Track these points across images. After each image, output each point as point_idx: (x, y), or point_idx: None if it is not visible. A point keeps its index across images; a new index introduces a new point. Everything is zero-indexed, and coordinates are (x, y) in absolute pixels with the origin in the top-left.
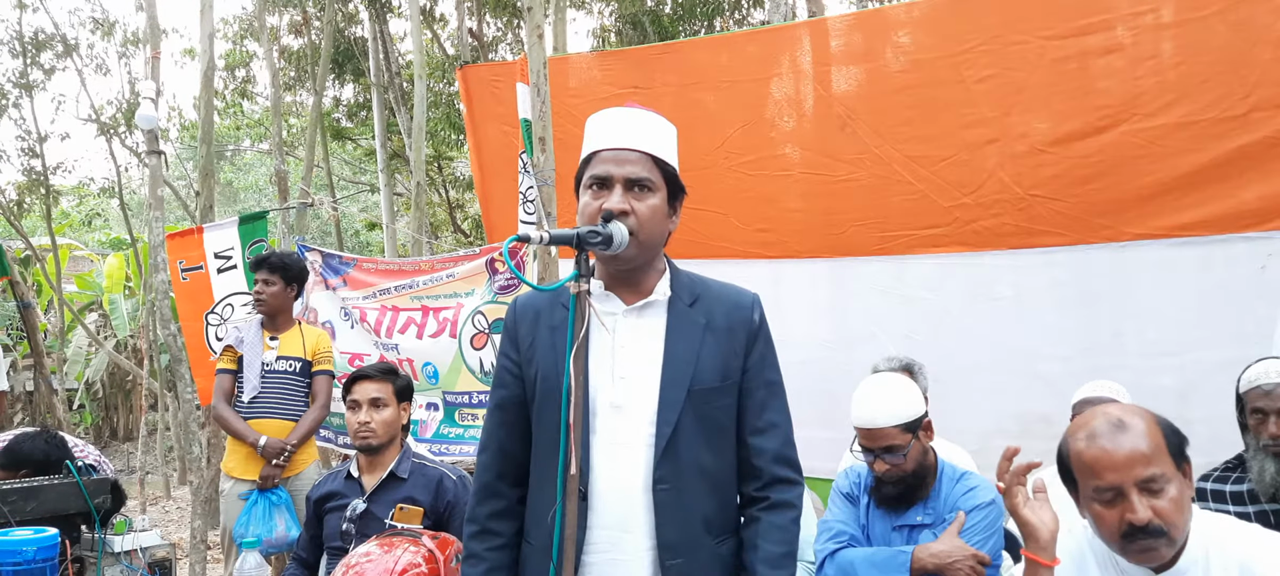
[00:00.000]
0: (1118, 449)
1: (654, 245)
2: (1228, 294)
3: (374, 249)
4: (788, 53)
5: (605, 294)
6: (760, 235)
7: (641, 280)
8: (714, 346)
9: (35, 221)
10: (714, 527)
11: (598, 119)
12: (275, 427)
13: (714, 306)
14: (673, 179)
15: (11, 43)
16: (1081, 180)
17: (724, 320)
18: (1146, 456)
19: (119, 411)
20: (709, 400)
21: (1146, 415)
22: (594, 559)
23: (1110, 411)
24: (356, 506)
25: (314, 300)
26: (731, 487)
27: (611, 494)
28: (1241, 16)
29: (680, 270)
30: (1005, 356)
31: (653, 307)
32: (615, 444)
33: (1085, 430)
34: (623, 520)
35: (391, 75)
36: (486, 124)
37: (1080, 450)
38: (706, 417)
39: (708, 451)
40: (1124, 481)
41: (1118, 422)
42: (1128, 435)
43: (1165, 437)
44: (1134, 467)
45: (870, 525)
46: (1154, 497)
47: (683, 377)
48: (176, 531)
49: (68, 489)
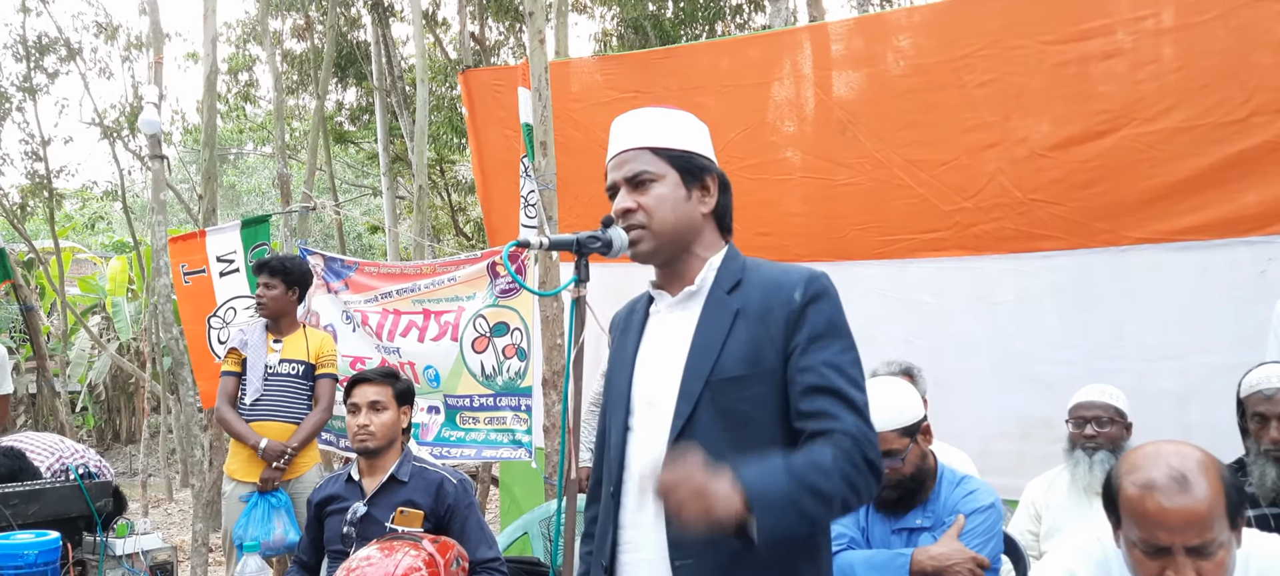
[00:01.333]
0: (1176, 509)
1: (677, 231)
2: (1228, 298)
3: (376, 252)
4: (789, 57)
5: (657, 289)
6: (761, 238)
7: (683, 270)
8: (745, 333)
9: (38, 225)
10: None
11: (611, 128)
12: (278, 430)
13: (753, 291)
14: (682, 161)
15: (15, 46)
16: (1082, 184)
17: (759, 305)
18: (1205, 522)
19: (121, 414)
20: (733, 391)
21: (1212, 471)
22: (627, 558)
23: (1174, 462)
24: (357, 509)
25: (316, 303)
26: None
27: (635, 492)
28: (1242, 21)
29: (737, 257)
30: (1005, 360)
31: (694, 298)
32: (645, 441)
33: (1143, 476)
34: (644, 519)
35: (394, 79)
36: (488, 128)
37: (1134, 498)
38: (729, 410)
39: (728, 445)
40: (1175, 542)
41: (1180, 479)
42: (1189, 496)
43: (1226, 499)
44: (1187, 532)
45: (869, 527)
46: (1202, 560)
47: (702, 368)
48: (178, 534)
49: (69, 492)
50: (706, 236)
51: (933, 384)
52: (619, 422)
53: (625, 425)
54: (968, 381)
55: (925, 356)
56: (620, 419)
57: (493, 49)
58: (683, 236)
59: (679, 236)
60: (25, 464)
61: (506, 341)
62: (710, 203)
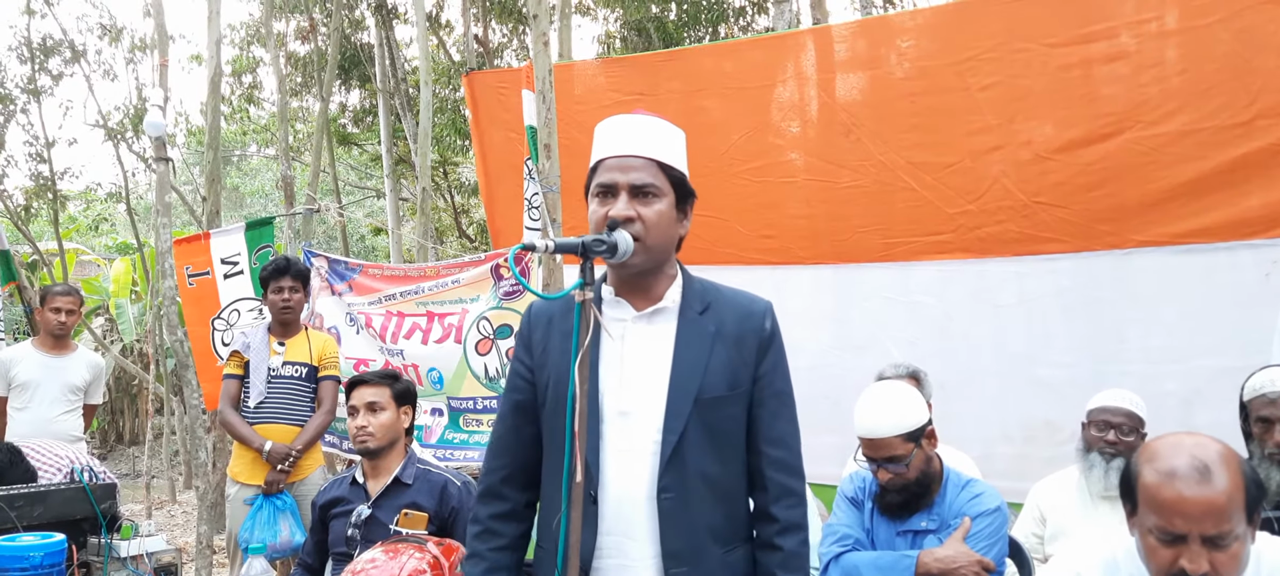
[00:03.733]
0: (1197, 499)
1: (662, 250)
2: (1232, 301)
3: (379, 254)
4: (792, 59)
5: (616, 300)
6: (764, 241)
7: (652, 286)
8: (723, 355)
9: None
10: (722, 536)
11: (605, 126)
12: (281, 433)
13: (725, 314)
14: (680, 183)
15: (20, 48)
16: (1085, 187)
17: (734, 329)
18: (1223, 513)
19: (125, 416)
20: (716, 409)
21: (1233, 464)
22: (603, 564)
23: (1197, 453)
24: (361, 512)
25: (320, 306)
26: (741, 497)
27: (618, 501)
28: (1246, 24)
29: (693, 276)
30: (1009, 363)
31: (663, 314)
32: (621, 451)
33: (1165, 465)
34: (628, 527)
35: (397, 81)
36: (492, 130)
37: (1155, 486)
38: (713, 427)
39: (714, 461)
40: (1191, 531)
41: (1203, 469)
42: (1210, 487)
43: (1246, 493)
44: (1206, 521)
45: (874, 530)
46: (1217, 551)
47: (690, 387)
48: (182, 536)
49: (74, 494)
50: (673, 256)
51: (936, 386)
52: (591, 429)
53: (595, 433)
54: (970, 384)
55: (928, 359)
56: (593, 426)
57: (496, 51)
58: (663, 256)
59: (662, 254)
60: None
61: (510, 344)
62: (686, 227)
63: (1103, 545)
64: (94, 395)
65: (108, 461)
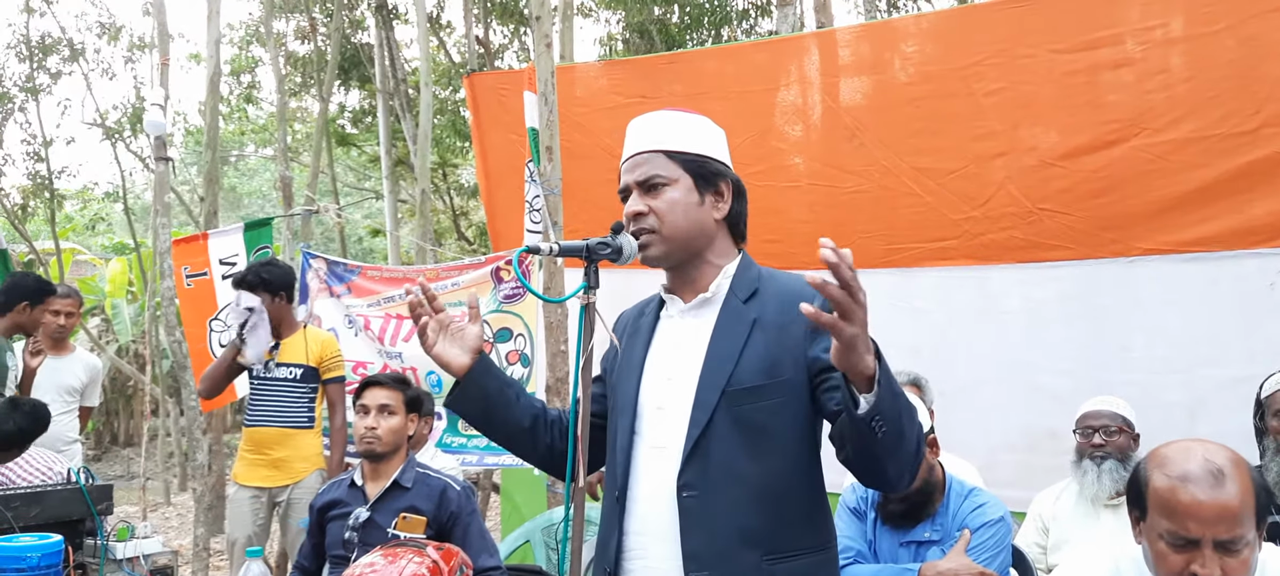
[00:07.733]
0: (1211, 502)
1: (688, 236)
2: (1236, 310)
3: (378, 255)
4: (795, 63)
5: (670, 295)
6: (767, 246)
7: (697, 277)
8: (762, 343)
9: (39, 225)
10: (759, 541)
11: (627, 130)
12: (273, 435)
13: (770, 301)
14: (696, 166)
15: (18, 46)
16: (1090, 194)
17: (777, 315)
18: (1236, 518)
19: (120, 417)
20: (749, 401)
21: (1243, 470)
22: (630, 565)
23: (1210, 457)
24: (359, 515)
25: (319, 308)
26: (793, 499)
27: (645, 499)
28: (1251, 32)
29: (752, 266)
30: (1012, 370)
31: (708, 305)
32: (655, 447)
33: (1177, 469)
34: (653, 526)
35: (397, 82)
36: (493, 132)
37: (1167, 488)
38: (746, 420)
39: (747, 457)
40: (1204, 536)
41: (1217, 473)
42: (1224, 490)
43: (1256, 498)
44: (1219, 525)
45: (877, 541)
46: (1228, 557)
47: (718, 378)
48: (177, 537)
49: (71, 494)
50: (719, 243)
51: (938, 394)
52: (625, 427)
53: (631, 429)
54: (974, 392)
55: (931, 366)
56: (627, 423)
57: (497, 53)
58: (694, 242)
59: (690, 242)
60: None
61: (510, 347)
62: (723, 208)
63: (1106, 553)
64: (91, 397)
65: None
